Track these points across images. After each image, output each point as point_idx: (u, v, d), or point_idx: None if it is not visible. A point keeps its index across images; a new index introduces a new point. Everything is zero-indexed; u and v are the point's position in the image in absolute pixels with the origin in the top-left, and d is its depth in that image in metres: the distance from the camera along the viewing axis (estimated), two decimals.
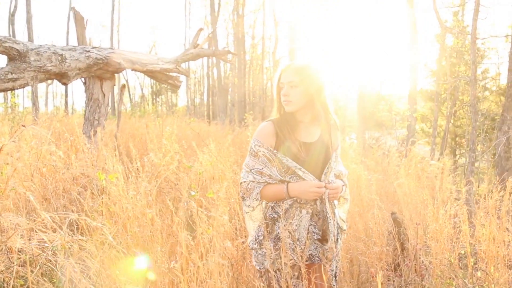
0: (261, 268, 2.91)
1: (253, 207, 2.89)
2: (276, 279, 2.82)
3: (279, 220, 2.86)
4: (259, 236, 2.91)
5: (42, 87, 41.06)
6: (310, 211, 2.88)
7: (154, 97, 41.65)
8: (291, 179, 2.84)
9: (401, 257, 4.39)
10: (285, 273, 2.68)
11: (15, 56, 6.54)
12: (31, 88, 7.39)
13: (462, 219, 3.92)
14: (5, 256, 3.02)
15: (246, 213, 2.95)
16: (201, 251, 3.17)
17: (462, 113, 15.90)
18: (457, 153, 16.85)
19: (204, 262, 2.99)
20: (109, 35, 34.37)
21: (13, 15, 22.34)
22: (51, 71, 7.02)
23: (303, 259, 2.69)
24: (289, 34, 25.09)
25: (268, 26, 49.71)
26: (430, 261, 4.12)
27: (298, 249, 2.80)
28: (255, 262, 2.95)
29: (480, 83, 15.46)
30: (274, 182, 2.86)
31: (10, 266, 2.98)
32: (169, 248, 3.52)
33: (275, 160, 2.83)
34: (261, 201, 2.89)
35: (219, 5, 27.81)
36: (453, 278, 3.89)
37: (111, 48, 8.35)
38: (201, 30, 11.28)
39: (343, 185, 3.06)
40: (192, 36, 11.39)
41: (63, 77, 7.39)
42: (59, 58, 7.08)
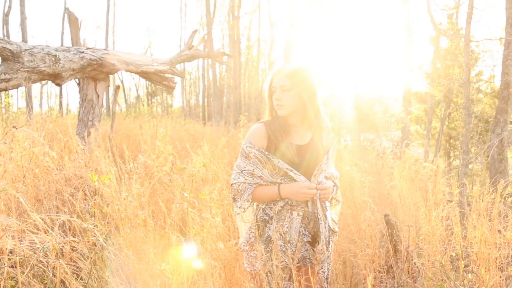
0: (252, 270, 2.90)
1: (244, 208, 2.88)
2: (268, 281, 2.81)
3: (270, 222, 2.86)
4: (250, 237, 2.91)
5: (36, 88, 41.00)
6: (301, 213, 2.88)
7: (150, 98, 41.58)
8: (282, 181, 2.85)
9: (393, 259, 4.40)
10: (277, 275, 2.68)
11: (9, 56, 6.52)
12: (25, 88, 7.37)
13: (454, 221, 3.93)
14: None
15: (237, 214, 2.94)
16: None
17: (456, 115, 15.93)
18: (451, 155, 16.87)
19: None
20: (104, 36, 34.35)
21: (7, 15, 22.22)
22: (44, 72, 7.00)
23: (294, 261, 2.68)
24: (284, 36, 25.11)
25: (263, 28, 49.73)
26: (422, 263, 4.13)
27: (289, 251, 2.80)
28: (246, 264, 2.95)
29: (474, 85, 15.48)
30: (265, 184, 2.86)
31: (1, 267, 2.97)
32: (161, 250, 3.51)
33: (266, 162, 2.83)
34: (252, 202, 2.88)
35: (215, 6, 27.80)
36: (444, 280, 3.90)
37: (106, 49, 8.34)
38: (195, 31, 11.27)
39: (334, 186, 3.07)
40: (187, 37, 11.37)
41: (57, 78, 7.37)
42: (53, 58, 7.06)
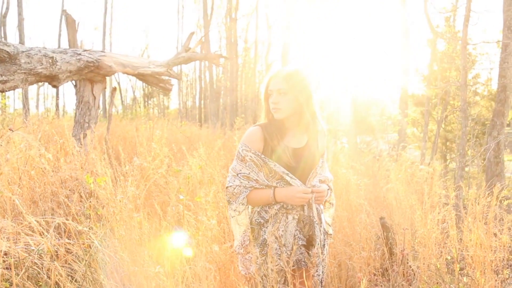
0: (247, 273, 2.90)
1: (239, 211, 2.88)
2: (262, 285, 2.81)
3: (266, 225, 2.86)
4: (245, 241, 2.90)
5: (33, 89, 40.91)
6: (296, 217, 2.88)
7: (146, 99, 41.62)
8: (278, 184, 2.84)
9: (389, 262, 4.40)
10: (271, 278, 2.68)
11: (5, 58, 6.51)
12: (21, 90, 7.36)
13: (450, 225, 3.94)
14: None
15: (232, 217, 2.93)
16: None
17: (453, 118, 15.94)
18: (447, 157, 16.88)
19: (190, 266, 2.98)
20: (101, 38, 34.33)
21: (4, 17, 22.22)
22: (41, 74, 6.99)
23: (289, 265, 2.68)
24: (282, 38, 25.12)
25: (261, 30, 49.74)
26: (417, 266, 4.13)
27: (285, 254, 2.80)
28: (241, 267, 2.95)
29: (471, 88, 15.50)
30: (260, 187, 2.86)
31: None
32: (156, 252, 3.51)
33: (262, 165, 2.83)
34: (247, 205, 2.88)
35: (212, 8, 27.82)
36: (440, 283, 3.90)
37: (102, 51, 8.34)
38: (192, 33, 11.26)
39: (328, 189, 3.06)
40: (184, 39, 11.36)
41: (53, 80, 7.36)
42: (50, 60, 7.05)
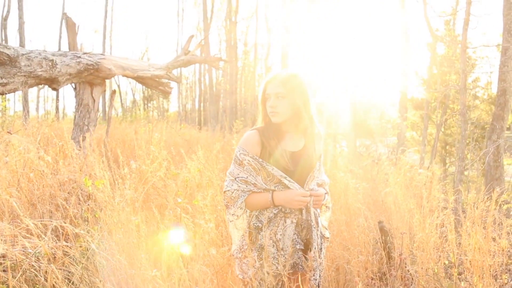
0: (244, 277, 2.89)
1: (237, 215, 2.87)
2: None
3: (264, 229, 2.86)
4: (243, 245, 2.89)
5: (33, 91, 40.90)
6: (294, 221, 2.87)
7: (146, 102, 41.63)
8: (276, 188, 2.84)
9: (387, 266, 4.39)
10: (268, 282, 2.67)
11: (6, 61, 6.52)
12: (21, 92, 7.37)
13: (449, 229, 3.93)
14: None
15: (230, 222, 2.93)
16: (186, 258, 3.16)
17: (452, 122, 15.96)
18: (447, 161, 16.89)
19: (187, 269, 2.98)
20: (101, 40, 34.35)
21: (5, 20, 22.24)
22: (41, 76, 7.00)
23: (285, 268, 2.68)
24: (281, 41, 25.14)
25: (260, 33, 49.79)
26: (415, 271, 4.13)
27: (282, 258, 2.79)
28: (238, 271, 2.94)
29: (471, 91, 15.51)
30: (259, 191, 2.85)
31: None
32: (154, 255, 3.51)
33: (260, 169, 2.83)
34: (246, 209, 2.87)
35: (212, 11, 27.85)
36: None
37: (102, 54, 8.35)
38: (192, 37, 11.28)
39: (326, 193, 3.06)
40: (184, 42, 11.39)
41: (53, 83, 7.38)
42: (50, 63, 7.07)
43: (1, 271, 3.01)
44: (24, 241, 2.83)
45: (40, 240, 2.84)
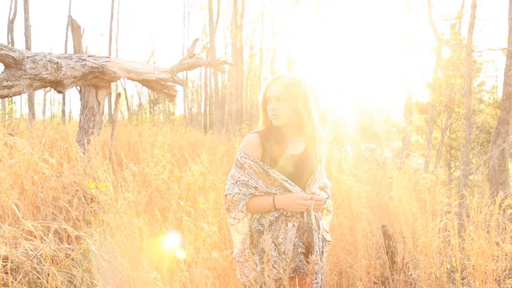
0: (246, 281, 2.89)
1: (238, 219, 2.86)
2: None
3: (265, 233, 2.85)
4: (245, 249, 2.89)
5: (40, 94, 41.02)
6: (296, 224, 2.87)
7: (152, 105, 41.69)
8: (277, 191, 2.84)
9: (389, 270, 4.38)
10: (268, 285, 2.67)
11: (11, 63, 6.54)
12: (27, 95, 7.40)
13: (452, 233, 3.92)
14: None
15: (231, 225, 2.92)
16: (188, 261, 3.16)
17: (457, 126, 15.91)
18: (452, 165, 16.85)
19: (188, 273, 2.98)
20: (107, 44, 34.43)
21: (12, 23, 22.29)
22: (46, 79, 7.02)
23: (286, 272, 2.68)
24: (287, 45, 25.14)
25: (266, 37, 49.77)
26: (418, 275, 4.12)
27: (284, 262, 2.79)
28: (240, 275, 2.94)
29: (476, 95, 15.47)
30: (260, 194, 2.85)
31: None
32: (156, 258, 3.51)
33: (261, 172, 2.83)
34: (247, 213, 2.87)
35: (218, 15, 27.88)
36: None
37: (107, 57, 8.36)
38: (197, 40, 11.29)
39: (327, 198, 3.06)
40: (190, 45, 11.41)
41: (58, 85, 7.39)
42: (55, 66, 7.08)
43: (3, 273, 3.02)
44: (25, 243, 2.84)
45: (42, 242, 2.85)
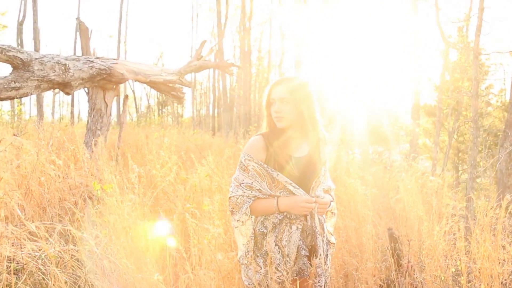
0: (250, 283, 2.89)
1: (242, 221, 2.86)
2: None
3: (268, 235, 2.85)
4: (249, 251, 2.89)
5: (49, 96, 41.24)
6: (300, 227, 2.86)
7: (160, 107, 41.78)
8: (281, 194, 2.84)
9: (395, 273, 4.37)
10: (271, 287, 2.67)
11: (19, 65, 6.57)
12: (35, 97, 7.43)
13: (458, 236, 3.91)
14: None
15: (235, 228, 2.92)
16: (192, 263, 3.17)
17: (465, 129, 15.86)
18: (459, 168, 16.79)
19: (193, 274, 2.99)
20: (116, 46, 34.52)
21: (21, 24, 22.39)
22: (54, 81, 7.05)
23: (289, 274, 2.68)
24: (295, 47, 25.13)
25: (274, 39, 49.77)
26: (423, 278, 4.11)
27: (288, 265, 2.79)
28: (244, 278, 2.94)
29: (484, 98, 15.42)
30: (264, 197, 2.85)
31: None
32: (163, 260, 3.52)
33: (265, 175, 2.82)
34: (251, 215, 2.87)
35: (226, 17, 27.88)
36: None
37: (115, 59, 8.39)
38: (204, 42, 11.31)
39: (331, 201, 3.06)
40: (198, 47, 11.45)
41: (66, 87, 7.42)
42: (63, 68, 7.11)
43: (7, 273, 3.03)
44: (29, 243, 2.85)
45: (46, 244, 2.86)
